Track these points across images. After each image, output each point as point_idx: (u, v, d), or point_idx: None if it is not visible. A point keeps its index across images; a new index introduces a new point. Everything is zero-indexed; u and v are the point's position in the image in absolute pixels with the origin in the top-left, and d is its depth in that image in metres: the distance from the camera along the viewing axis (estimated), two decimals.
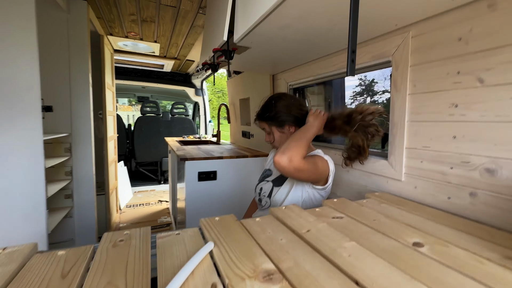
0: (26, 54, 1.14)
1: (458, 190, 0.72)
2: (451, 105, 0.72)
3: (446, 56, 0.72)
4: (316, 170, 0.90)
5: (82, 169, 1.71)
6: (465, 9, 0.67)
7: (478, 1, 0.64)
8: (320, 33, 0.89)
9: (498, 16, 0.61)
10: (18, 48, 1.13)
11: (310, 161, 0.89)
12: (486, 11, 0.63)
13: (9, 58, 1.12)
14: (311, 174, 0.90)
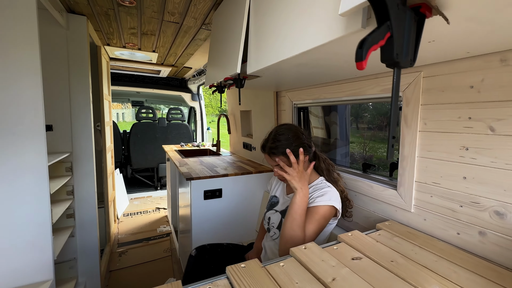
0: (29, 76, 1.10)
1: (468, 227, 0.76)
2: (462, 147, 0.76)
3: (458, 101, 0.75)
4: (322, 227, 0.93)
5: (84, 187, 1.68)
6: (478, 59, 0.70)
7: (491, 54, 0.67)
8: (335, 68, 0.91)
9: (510, 71, 0.64)
10: (21, 70, 1.09)
11: (314, 227, 0.90)
12: (498, 65, 0.66)
13: (11, 80, 1.08)
14: (320, 232, 0.93)
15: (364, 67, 0.33)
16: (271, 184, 1.26)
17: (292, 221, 0.88)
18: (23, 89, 1.09)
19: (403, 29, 0.36)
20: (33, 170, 1.14)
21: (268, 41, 0.84)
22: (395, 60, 0.37)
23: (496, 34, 0.53)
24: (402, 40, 0.36)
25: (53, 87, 1.55)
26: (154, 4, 1.39)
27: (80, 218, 1.69)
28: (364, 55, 0.33)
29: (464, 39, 0.56)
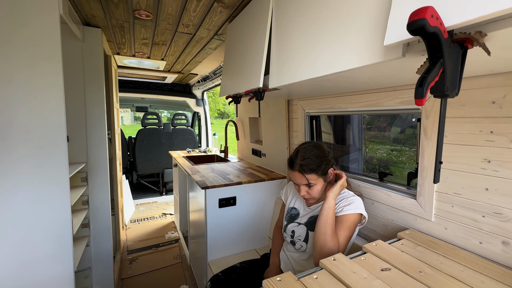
0: (53, 90, 1.11)
1: (490, 237, 0.79)
2: (483, 160, 0.78)
3: (479, 115, 0.78)
4: (353, 234, 0.98)
5: (98, 197, 1.70)
6: (500, 77, 0.73)
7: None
8: (357, 83, 0.94)
9: None
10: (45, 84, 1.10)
11: (346, 235, 0.94)
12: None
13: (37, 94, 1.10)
14: (353, 235, 0.98)
15: (424, 103, 0.36)
16: (286, 195, 1.27)
17: (326, 227, 0.93)
18: (47, 103, 1.11)
19: (453, 64, 0.39)
20: (56, 182, 1.15)
21: (294, 59, 0.87)
22: (445, 93, 0.40)
23: None
24: (451, 75, 0.39)
25: (69, 98, 1.57)
26: (171, 17, 1.42)
27: (95, 227, 1.70)
28: (424, 93, 0.36)
29: (493, 63, 0.59)
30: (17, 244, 1.09)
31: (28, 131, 1.08)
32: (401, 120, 1.42)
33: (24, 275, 1.12)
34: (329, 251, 0.89)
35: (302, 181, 1.02)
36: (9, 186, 1.06)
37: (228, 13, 1.35)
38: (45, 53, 1.09)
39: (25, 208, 1.09)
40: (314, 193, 1.03)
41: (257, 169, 2.05)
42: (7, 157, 1.05)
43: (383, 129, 1.53)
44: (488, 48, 0.42)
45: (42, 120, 1.10)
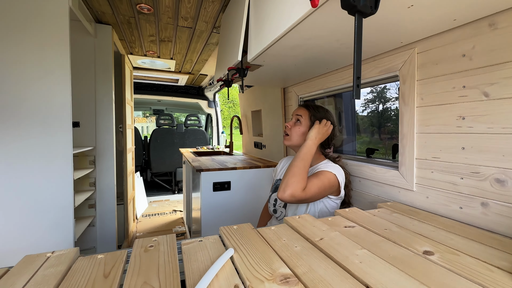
0: (60, 77, 1.26)
1: (470, 200, 0.73)
2: (458, 117, 0.75)
3: (451, 71, 0.76)
4: (324, 189, 0.95)
5: (105, 180, 1.82)
6: (467, 27, 0.71)
7: (479, 20, 0.68)
8: (329, 51, 0.95)
9: (499, 34, 0.64)
10: (54, 72, 1.25)
11: (316, 182, 0.93)
12: (487, 30, 0.67)
13: (46, 80, 1.24)
14: (320, 195, 0.95)
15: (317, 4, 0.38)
16: (277, 170, 1.29)
17: (290, 171, 0.93)
18: (54, 84, 1.25)
19: None
20: (60, 157, 1.27)
21: (264, 27, 0.91)
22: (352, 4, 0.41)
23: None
24: None
25: (81, 88, 1.74)
26: (169, 10, 1.53)
27: (101, 209, 1.81)
28: None
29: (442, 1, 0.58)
30: (24, 211, 1.21)
31: (36, 108, 1.22)
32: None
33: (28, 240, 1.22)
34: (294, 189, 0.88)
35: (298, 111, 1.11)
36: (19, 158, 1.19)
37: (220, 2, 1.43)
38: (54, 38, 1.24)
39: (31, 178, 1.21)
40: (293, 130, 1.09)
41: (256, 159, 2.07)
42: (16, 131, 1.19)
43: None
44: None
45: (49, 98, 1.24)
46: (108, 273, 0.47)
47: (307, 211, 1.01)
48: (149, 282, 0.44)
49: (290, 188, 0.89)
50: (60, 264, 0.49)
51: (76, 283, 0.43)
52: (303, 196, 0.90)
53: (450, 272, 0.48)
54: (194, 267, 0.50)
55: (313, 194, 0.92)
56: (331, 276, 0.46)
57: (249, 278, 0.46)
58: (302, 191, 0.89)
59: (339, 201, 1.02)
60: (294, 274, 0.47)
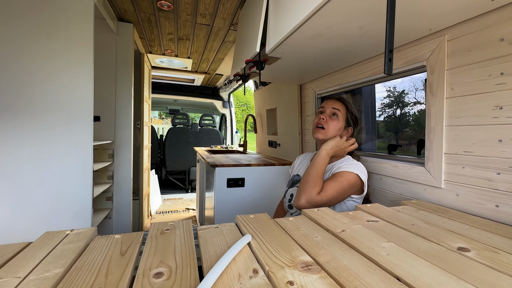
0: (83, 72, 1.31)
1: (508, 197, 0.67)
2: (495, 107, 0.69)
3: (486, 58, 0.70)
4: (344, 191, 0.91)
5: (122, 174, 1.86)
6: (506, 9, 0.65)
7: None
8: (351, 40, 0.92)
9: None
10: (78, 67, 1.30)
11: (334, 185, 0.90)
12: None
13: (70, 74, 1.29)
14: (340, 197, 0.91)
15: None
16: (293, 166, 1.26)
17: (310, 172, 0.92)
18: (78, 79, 1.29)
19: None
20: (81, 149, 1.31)
21: (284, 16, 0.89)
22: None
23: None
24: None
25: (102, 84, 1.80)
26: (188, 7, 1.56)
27: (117, 203, 1.85)
28: None
29: None
30: (47, 199, 1.25)
31: (61, 101, 1.26)
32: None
33: (48, 227, 1.26)
34: (308, 194, 0.86)
35: (335, 104, 1.04)
36: (43, 148, 1.24)
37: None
38: (80, 35, 1.29)
39: (54, 168, 1.25)
40: (330, 124, 1.02)
41: (270, 158, 2.04)
42: (42, 121, 1.23)
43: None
44: None
45: (73, 92, 1.28)
46: (125, 251, 0.46)
47: None
48: (165, 261, 0.43)
49: (304, 194, 0.88)
50: (78, 241, 0.49)
51: (94, 259, 0.43)
52: (319, 200, 0.86)
53: (490, 269, 0.43)
54: (211, 250, 0.48)
55: (331, 197, 0.88)
56: (357, 266, 0.43)
57: (268, 263, 0.43)
58: (317, 194, 0.87)
59: (360, 200, 0.98)
60: (316, 262, 0.44)
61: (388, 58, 0.39)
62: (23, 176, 1.21)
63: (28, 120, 1.22)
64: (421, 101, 1.27)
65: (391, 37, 0.39)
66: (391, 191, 1.04)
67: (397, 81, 1.31)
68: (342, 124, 1.04)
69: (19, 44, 1.20)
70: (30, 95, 1.22)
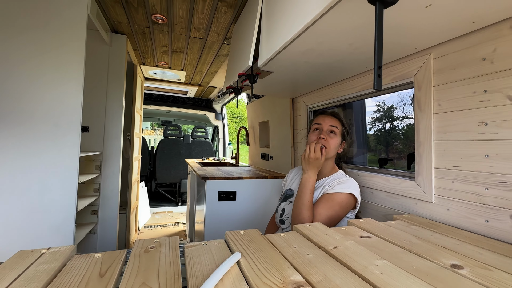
0: (73, 83, 1.28)
1: (497, 212, 0.67)
2: (480, 123, 0.71)
3: (470, 76, 0.73)
4: (337, 216, 0.91)
5: (109, 187, 1.79)
6: (487, 30, 0.69)
7: (500, 22, 0.66)
8: (341, 56, 0.94)
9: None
10: (68, 76, 1.28)
11: (325, 213, 0.90)
12: (508, 32, 0.64)
13: (60, 84, 1.27)
14: (335, 221, 0.91)
15: None
16: (286, 179, 1.25)
17: (299, 200, 0.90)
18: (67, 88, 1.27)
19: None
20: (67, 159, 1.26)
21: (276, 31, 0.91)
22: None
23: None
24: None
25: (93, 94, 1.77)
26: (182, 21, 1.58)
27: (103, 217, 1.78)
28: None
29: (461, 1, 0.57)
30: (26, 211, 1.18)
31: (49, 110, 1.23)
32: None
33: (26, 242, 1.19)
34: (302, 221, 0.85)
35: (332, 122, 1.03)
36: (27, 157, 1.19)
37: (232, 13, 1.47)
38: (71, 45, 1.28)
39: (37, 178, 1.20)
40: (330, 142, 1.00)
41: (262, 171, 2.03)
42: (29, 130, 1.19)
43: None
44: None
45: (62, 102, 1.25)
46: (104, 272, 0.43)
47: None
48: (148, 283, 0.40)
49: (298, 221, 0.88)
50: (54, 261, 0.46)
51: (69, 281, 0.40)
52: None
53: (484, 287, 0.42)
54: (198, 270, 0.45)
55: (329, 218, 0.90)
56: (350, 286, 0.41)
57: (257, 284, 0.41)
58: (310, 219, 0.88)
59: (353, 215, 0.97)
60: (307, 282, 0.42)
61: (377, 74, 0.40)
62: (1, 187, 1.15)
63: (12, 130, 1.17)
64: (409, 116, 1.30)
65: (379, 54, 0.40)
66: (383, 205, 1.04)
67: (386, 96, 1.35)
68: (339, 140, 1.04)
69: (8, 52, 1.18)
70: (16, 104, 1.18)
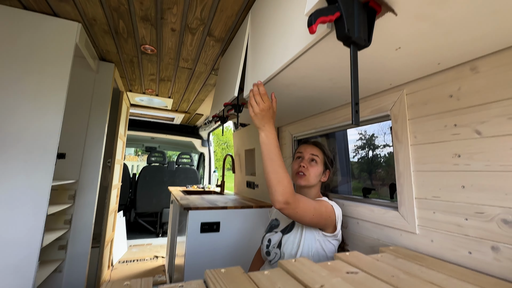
0: (53, 108, 1.25)
1: (479, 244, 0.68)
2: (454, 155, 0.74)
3: (441, 111, 0.78)
4: (320, 213, 0.89)
5: (82, 218, 1.66)
6: (451, 71, 0.75)
7: (462, 65, 0.73)
8: (322, 90, 0.99)
9: (481, 77, 0.69)
10: (48, 102, 1.25)
11: (312, 203, 0.89)
12: (469, 73, 0.71)
13: (39, 109, 1.23)
14: (314, 218, 0.88)
15: (314, 30, 0.39)
16: (272, 210, 1.23)
17: (271, 161, 0.81)
18: (46, 113, 1.23)
19: (352, 11, 0.43)
20: (37, 188, 1.18)
21: (261, 65, 0.96)
22: (347, 35, 0.43)
23: (453, 37, 0.60)
24: (353, 20, 0.43)
25: (74, 120, 1.72)
26: (171, 51, 1.63)
27: (72, 252, 1.62)
28: (313, 21, 0.39)
29: (427, 45, 0.63)
30: None
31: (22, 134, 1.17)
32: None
33: None
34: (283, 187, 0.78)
35: (313, 150, 1.06)
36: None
37: (220, 47, 1.54)
38: (55, 70, 1.27)
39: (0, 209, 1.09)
40: (311, 170, 1.03)
41: (248, 199, 1.98)
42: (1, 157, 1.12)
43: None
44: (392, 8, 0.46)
45: (38, 126, 1.21)
46: None
47: (300, 248, 0.92)
48: None
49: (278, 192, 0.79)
50: None
51: None
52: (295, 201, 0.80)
53: None
54: None
55: (304, 208, 0.84)
56: None
57: None
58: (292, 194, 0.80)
59: (336, 242, 0.95)
60: None
61: (354, 110, 0.42)
62: None
63: None
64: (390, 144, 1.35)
65: (356, 91, 0.42)
66: (369, 236, 1.02)
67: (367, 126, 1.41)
68: (321, 169, 1.07)
69: None
70: None
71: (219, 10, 1.21)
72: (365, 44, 0.46)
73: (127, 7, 1.21)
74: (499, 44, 0.62)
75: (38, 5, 1.23)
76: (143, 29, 1.39)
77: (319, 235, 0.93)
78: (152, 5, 1.18)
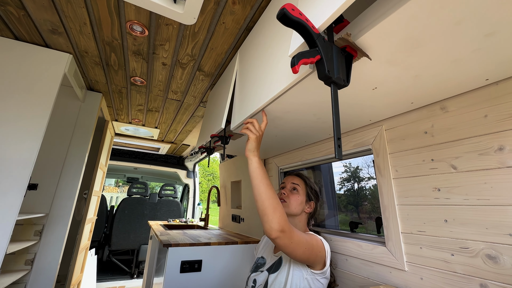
0: (32, 135, 1.20)
1: (468, 282, 0.67)
2: (434, 189, 0.77)
3: (418, 146, 0.82)
4: (311, 247, 0.86)
5: (47, 257, 1.49)
6: (423, 110, 0.81)
7: (433, 104, 0.79)
8: (307, 124, 1.03)
9: (451, 116, 0.74)
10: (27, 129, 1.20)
11: (304, 235, 0.86)
12: (440, 112, 0.77)
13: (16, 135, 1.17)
14: (306, 251, 0.84)
15: (297, 70, 0.42)
16: (258, 247, 1.17)
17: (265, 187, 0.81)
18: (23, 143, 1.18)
19: (332, 55, 0.47)
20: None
21: (248, 99, 0.99)
22: (327, 75, 0.46)
23: (422, 80, 0.66)
24: (332, 63, 0.47)
25: (52, 149, 1.64)
26: (161, 84, 1.67)
27: None
28: (296, 62, 0.42)
29: (400, 86, 0.68)
30: None
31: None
32: None
33: None
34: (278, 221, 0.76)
35: (294, 180, 1.10)
36: None
37: (209, 81, 1.60)
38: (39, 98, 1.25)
39: None
40: (291, 198, 1.05)
41: (233, 235, 1.88)
42: None
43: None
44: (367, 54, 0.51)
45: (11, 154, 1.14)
46: None
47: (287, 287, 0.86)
48: None
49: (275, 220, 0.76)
50: None
51: None
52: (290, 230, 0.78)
53: None
54: None
55: (298, 239, 0.81)
56: None
57: None
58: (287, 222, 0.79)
59: (324, 281, 0.89)
60: None
61: (337, 144, 0.43)
62: None
63: None
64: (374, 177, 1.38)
65: (337, 127, 0.44)
66: (358, 274, 0.98)
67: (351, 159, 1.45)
68: (303, 198, 1.07)
69: None
70: None
71: (209, 48, 1.28)
72: (344, 84, 0.49)
73: (120, 42, 1.25)
74: (464, 87, 0.69)
75: (30, 36, 1.26)
76: (134, 62, 1.43)
77: (308, 273, 0.88)
78: (145, 41, 1.24)
